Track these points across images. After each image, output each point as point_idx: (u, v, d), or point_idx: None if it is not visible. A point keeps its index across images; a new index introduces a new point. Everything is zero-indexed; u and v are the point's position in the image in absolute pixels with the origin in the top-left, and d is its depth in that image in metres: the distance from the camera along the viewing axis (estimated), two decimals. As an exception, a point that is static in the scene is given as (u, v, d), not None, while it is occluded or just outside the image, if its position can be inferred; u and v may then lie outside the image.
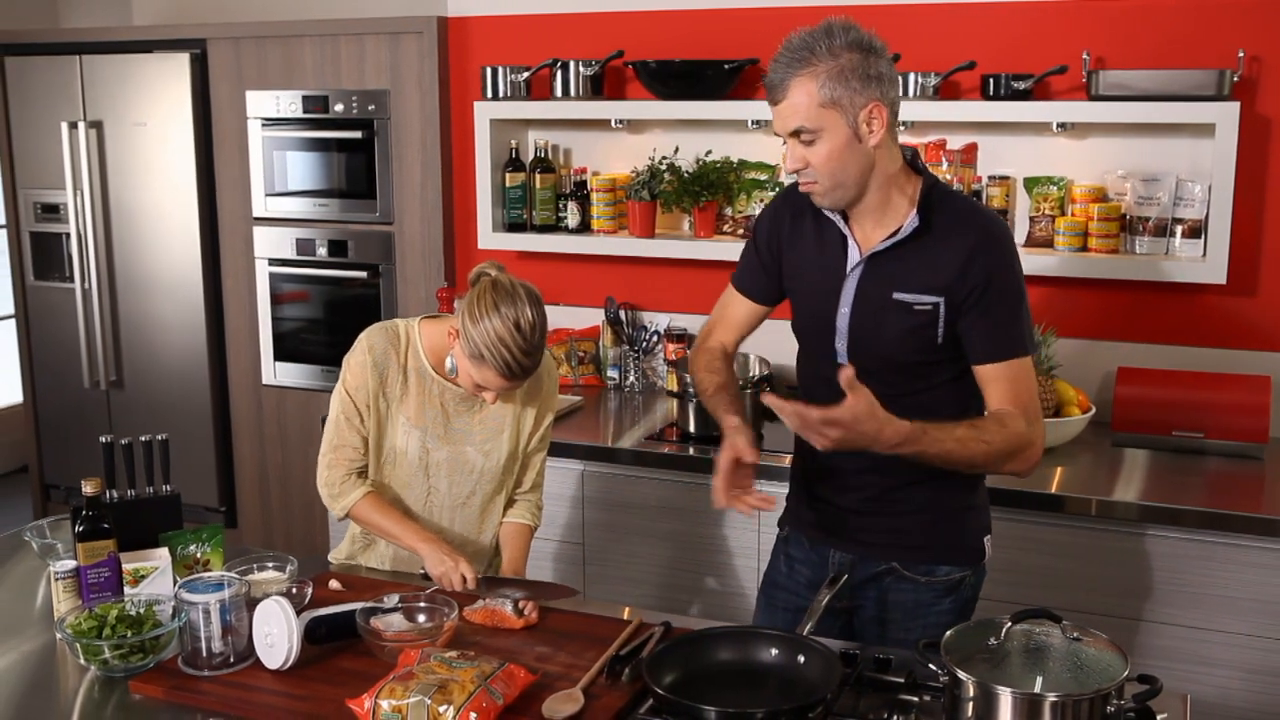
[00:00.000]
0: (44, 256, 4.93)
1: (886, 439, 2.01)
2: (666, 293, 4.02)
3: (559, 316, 4.16)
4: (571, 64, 3.84)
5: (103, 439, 2.42)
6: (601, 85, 3.89)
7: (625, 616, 2.33)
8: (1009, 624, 1.75)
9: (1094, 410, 3.33)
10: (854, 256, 2.21)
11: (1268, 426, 3.23)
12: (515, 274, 4.28)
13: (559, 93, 3.88)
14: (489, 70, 3.94)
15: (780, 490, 2.52)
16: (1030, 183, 3.52)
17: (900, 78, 2.19)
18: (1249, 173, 3.32)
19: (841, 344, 2.24)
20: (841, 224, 2.22)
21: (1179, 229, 3.35)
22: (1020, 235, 3.57)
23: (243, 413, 4.75)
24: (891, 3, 3.58)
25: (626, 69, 3.87)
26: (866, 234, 2.20)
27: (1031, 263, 3.39)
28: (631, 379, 4.00)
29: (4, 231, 5.07)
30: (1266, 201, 3.34)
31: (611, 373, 4.05)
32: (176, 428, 4.78)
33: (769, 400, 2.02)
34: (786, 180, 3.11)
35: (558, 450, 3.47)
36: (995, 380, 2.15)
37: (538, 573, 3.58)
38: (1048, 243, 3.48)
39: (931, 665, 1.78)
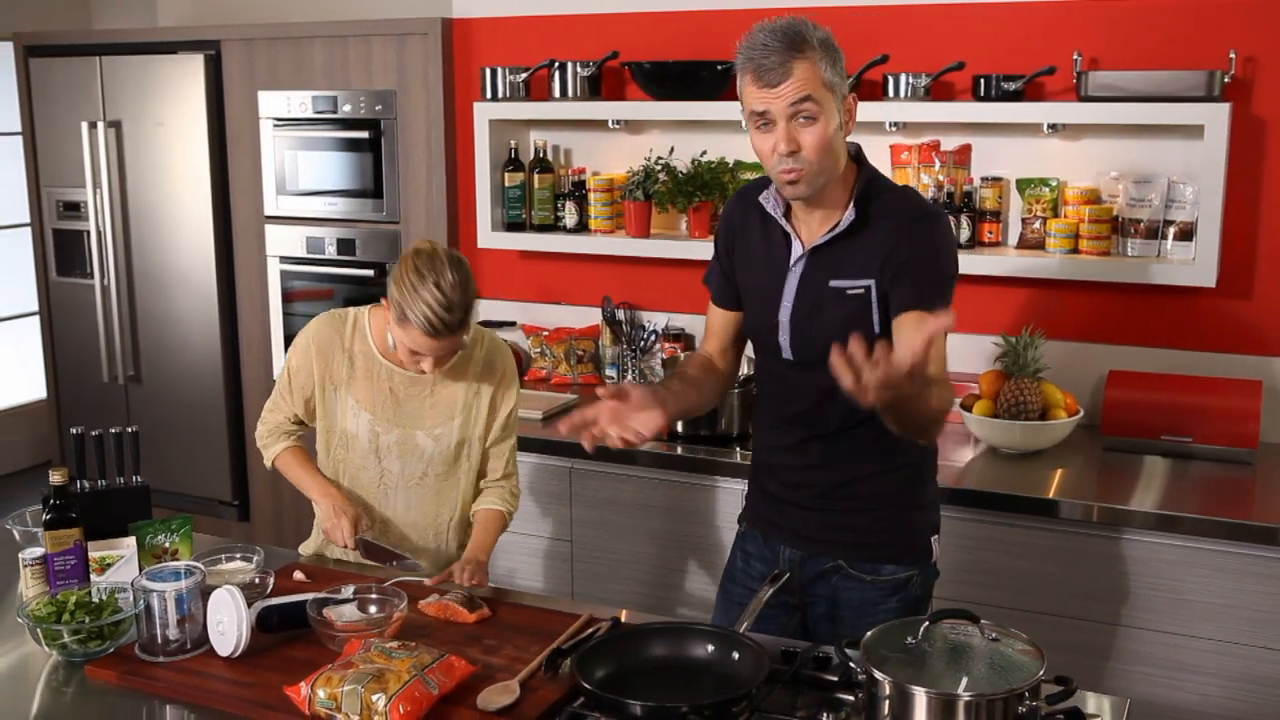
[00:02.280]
0: (66, 253, 5.04)
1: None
2: (664, 292, 4.03)
3: (559, 315, 4.19)
4: (569, 65, 3.87)
5: (73, 430, 2.48)
6: (599, 86, 3.92)
7: (578, 611, 2.35)
8: (926, 623, 1.76)
9: (1082, 413, 3.31)
10: (796, 252, 2.24)
11: (1257, 432, 3.19)
12: (516, 273, 4.34)
13: (557, 93, 3.91)
14: (488, 71, 3.99)
15: (741, 488, 2.54)
16: (1023, 184, 3.50)
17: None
18: (1242, 174, 3.28)
19: (785, 338, 2.26)
20: (784, 222, 2.24)
21: (1171, 231, 3.32)
22: (1012, 237, 3.55)
23: (255, 408, 4.81)
24: (881, 3, 3.58)
25: (624, 70, 3.89)
26: (810, 230, 2.23)
27: (1022, 264, 3.39)
28: (629, 378, 4.02)
29: (29, 229, 5.17)
30: (1261, 204, 3.30)
31: (610, 372, 4.08)
32: (191, 422, 4.88)
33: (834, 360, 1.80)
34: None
35: (547, 448, 3.51)
36: (911, 329, 2.05)
37: (528, 569, 3.62)
38: (1039, 244, 3.46)
39: (853, 664, 1.78)
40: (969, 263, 3.41)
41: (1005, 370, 3.32)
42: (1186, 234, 3.29)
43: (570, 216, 3.99)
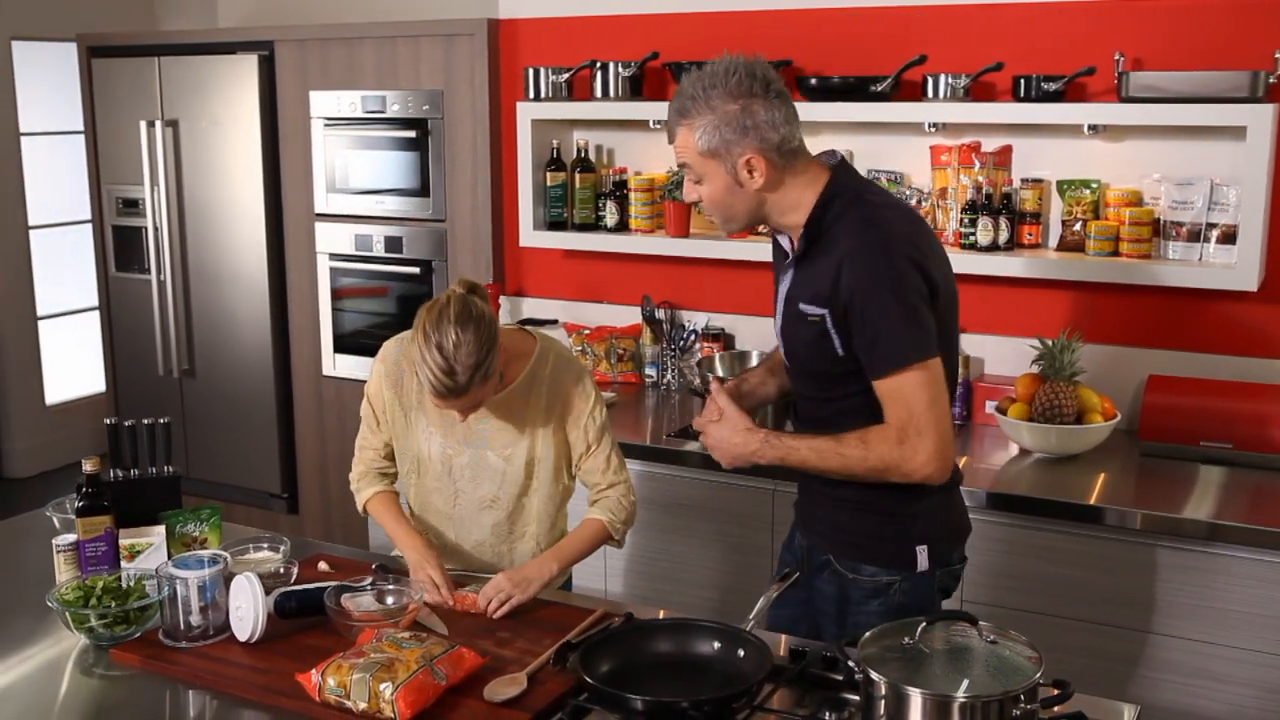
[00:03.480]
0: (125, 249, 5.17)
1: (739, 448, 2.28)
2: (703, 292, 4.05)
3: (600, 314, 4.22)
4: (610, 65, 3.89)
5: (107, 421, 2.55)
6: (640, 86, 3.94)
7: (593, 606, 2.37)
8: (923, 624, 1.75)
9: (1119, 418, 3.26)
10: (787, 264, 2.29)
11: (1300, 439, 3.13)
12: (560, 271, 4.36)
13: (599, 93, 3.94)
14: (531, 71, 4.02)
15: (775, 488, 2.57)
16: (1063, 186, 3.46)
17: (785, 109, 2.11)
18: (1289, 177, 3.22)
19: (783, 348, 2.33)
20: (782, 235, 2.30)
21: (1213, 234, 3.27)
22: (1053, 239, 3.51)
23: (304, 403, 4.91)
24: (919, 3, 3.56)
25: (665, 70, 3.91)
26: (797, 245, 2.27)
27: (1062, 266, 3.36)
28: (669, 377, 4.04)
29: (90, 225, 5.30)
30: (1308, 207, 3.24)
31: (650, 370, 4.10)
32: (243, 416, 4.98)
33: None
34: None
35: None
36: (880, 395, 2.17)
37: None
38: (1079, 246, 3.42)
39: (851, 663, 1.78)
40: (1008, 265, 3.40)
41: (1042, 373, 3.28)
42: (1229, 237, 3.24)
43: (611, 216, 4.01)
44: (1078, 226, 3.43)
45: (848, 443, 2.17)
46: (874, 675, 1.71)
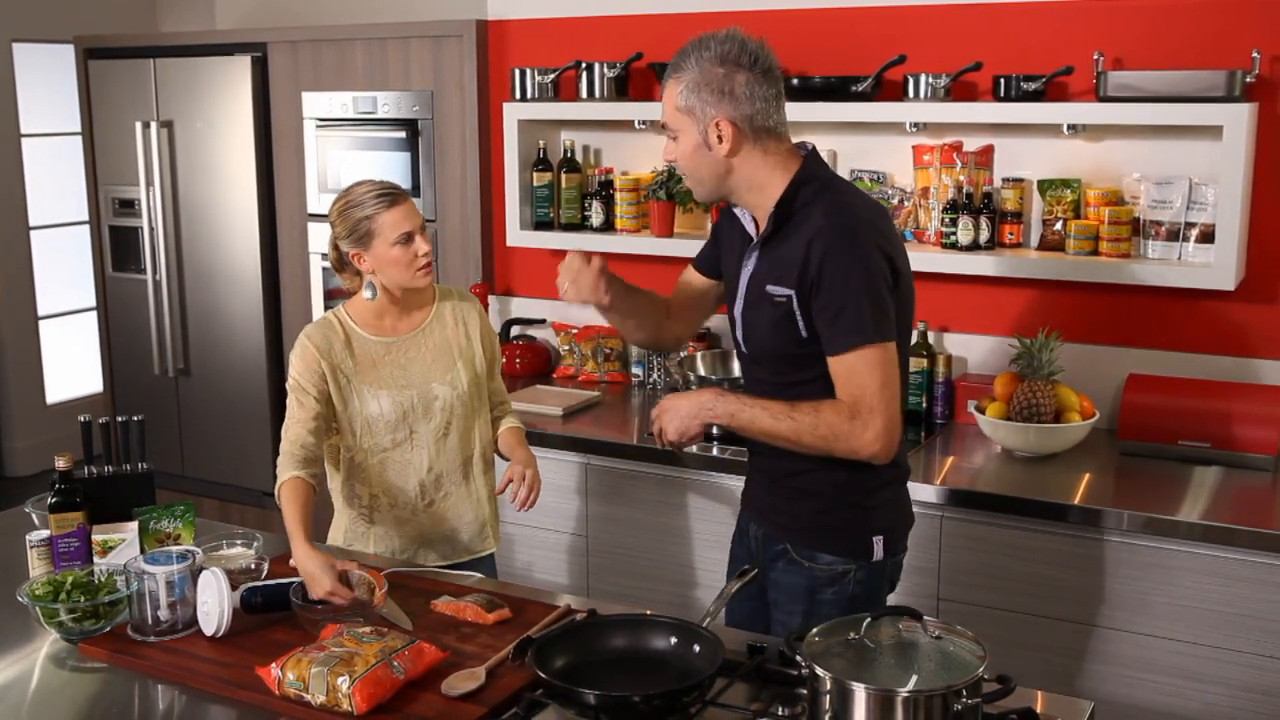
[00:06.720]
0: (121, 249, 5.20)
1: (689, 407, 2.28)
2: (689, 292, 4.05)
3: (587, 314, 4.22)
4: (596, 66, 3.91)
5: (81, 418, 2.58)
6: (626, 87, 3.96)
7: (557, 603, 2.39)
8: (868, 620, 1.77)
9: (1097, 417, 3.27)
10: (749, 248, 2.31)
11: (1277, 438, 3.13)
12: (548, 271, 4.38)
13: (584, 94, 3.95)
14: (517, 72, 4.04)
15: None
16: (1044, 185, 3.47)
17: (769, 87, 2.20)
18: (1270, 176, 3.22)
19: (739, 333, 2.35)
20: (745, 218, 2.33)
21: (1192, 233, 3.27)
22: (1034, 238, 3.52)
23: (298, 402, 4.93)
24: (899, 4, 3.57)
25: (650, 70, 3.92)
26: (761, 229, 2.30)
27: (1041, 266, 3.36)
28: (655, 376, 4.05)
29: (88, 226, 5.34)
30: (1288, 206, 3.24)
31: (636, 370, 4.11)
32: (237, 415, 5.01)
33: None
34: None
35: (565, 444, 3.56)
36: (834, 373, 2.19)
37: (545, 563, 3.67)
38: (1059, 246, 3.42)
39: (798, 658, 1.79)
40: (989, 264, 3.40)
41: (1020, 373, 3.29)
42: (1208, 236, 3.24)
43: (596, 216, 4.03)
44: (1058, 226, 3.43)
45: (800, 408, 2.19)
46: (819, 670, 1.72)
